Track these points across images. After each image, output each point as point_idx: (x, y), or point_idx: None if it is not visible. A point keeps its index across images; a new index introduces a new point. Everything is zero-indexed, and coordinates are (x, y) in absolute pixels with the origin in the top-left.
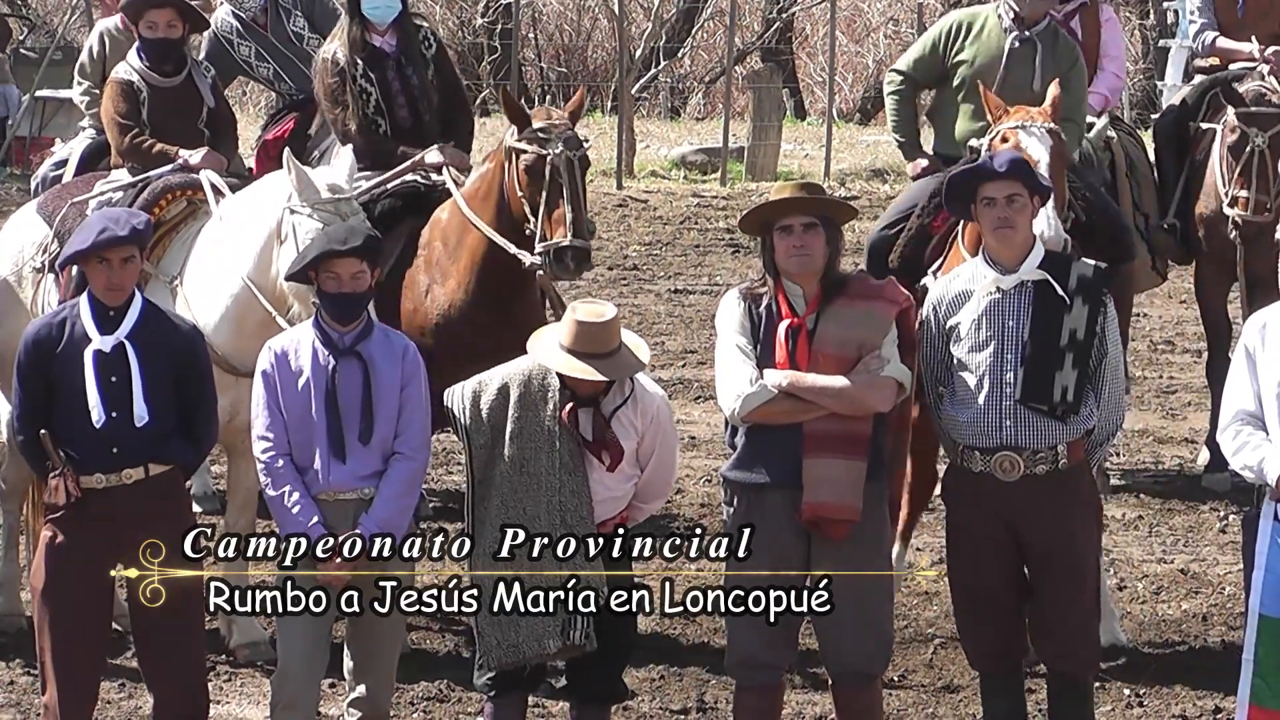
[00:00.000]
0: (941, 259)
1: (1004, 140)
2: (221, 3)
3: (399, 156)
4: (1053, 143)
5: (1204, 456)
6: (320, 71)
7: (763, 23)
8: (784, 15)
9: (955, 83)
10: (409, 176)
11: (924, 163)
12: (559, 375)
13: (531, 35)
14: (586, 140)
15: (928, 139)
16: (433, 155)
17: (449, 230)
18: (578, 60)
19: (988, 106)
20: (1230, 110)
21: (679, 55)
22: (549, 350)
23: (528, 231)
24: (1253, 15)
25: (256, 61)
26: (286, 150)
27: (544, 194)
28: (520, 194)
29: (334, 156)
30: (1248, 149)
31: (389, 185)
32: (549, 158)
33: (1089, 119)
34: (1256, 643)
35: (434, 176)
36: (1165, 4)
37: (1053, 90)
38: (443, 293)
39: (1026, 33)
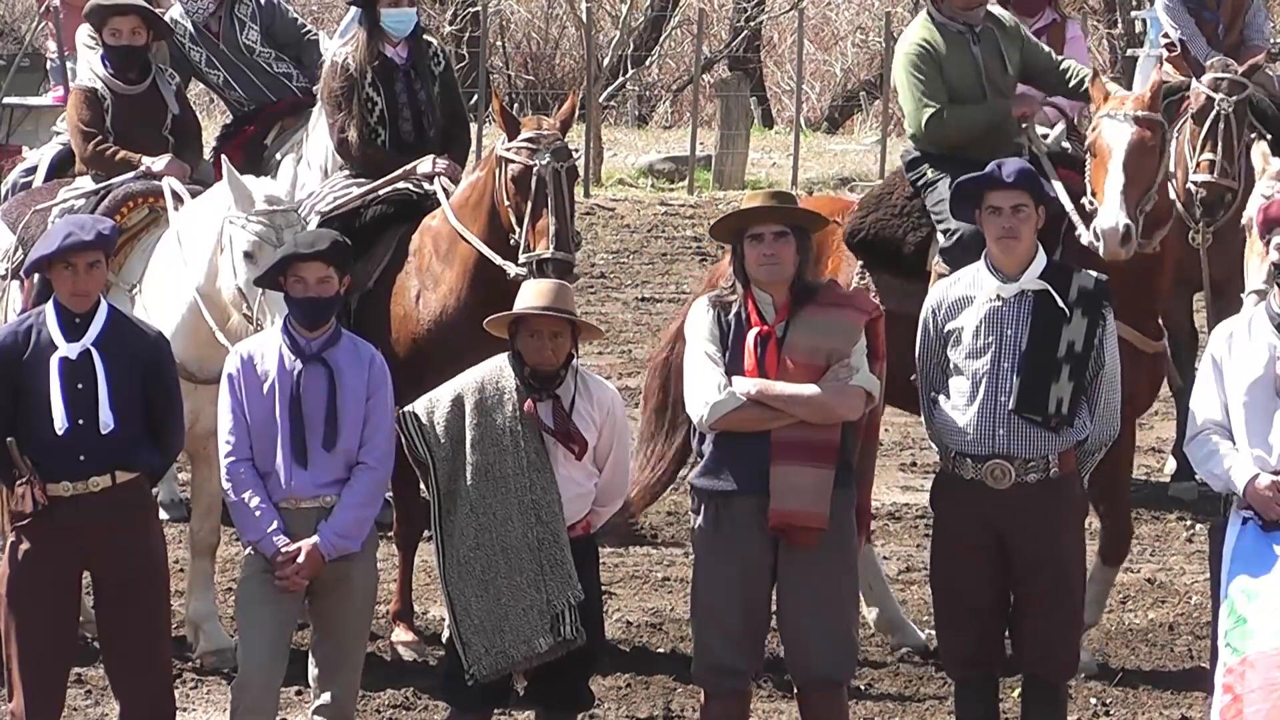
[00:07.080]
0: None
1: (1094, 129)
2: (174, 3)
3: (391, 168)
4: (1135, 129)
5: (1171, 465)
6: (327, 74)
7: (730, 31)
8: (752, 24)
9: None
10: (400, 185)
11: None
12: (513, 366)
13: (499, 43)
14: (576, 151)
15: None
16: (425, 165)
17: (440, 237)
18: (545, 68)
19: (1098, 100)
20: (1197, 79)
21: (646, 64)
22: (507, 315)
23: (513, 242)
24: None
25: (207, 68)
26: (225, 161)
27: (529, 204)
28: (507, 203)
29: (279, 168)
30: (1213, 113)
31: (380, 192)
32: (535, 168)
33: (1043, 129)
34: (1232, 613)
35: (426, 186)
36: (1133, 14)
37: (1153, 77)
38: (434, 299)
39: (978, 27)
